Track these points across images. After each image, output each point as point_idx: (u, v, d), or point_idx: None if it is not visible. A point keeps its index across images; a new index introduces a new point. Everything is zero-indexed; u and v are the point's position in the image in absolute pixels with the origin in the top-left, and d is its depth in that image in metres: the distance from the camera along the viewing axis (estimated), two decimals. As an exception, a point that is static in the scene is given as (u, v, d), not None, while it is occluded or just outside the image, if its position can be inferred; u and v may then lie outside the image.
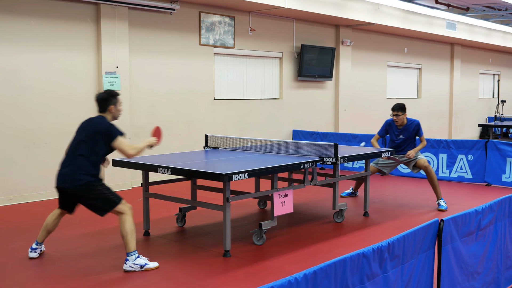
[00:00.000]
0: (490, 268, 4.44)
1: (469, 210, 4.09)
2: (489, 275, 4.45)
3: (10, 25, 8.52)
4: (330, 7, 12.39)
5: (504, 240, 4.67)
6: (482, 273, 4.33)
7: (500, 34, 19.41)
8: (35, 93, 8.85)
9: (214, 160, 6.78)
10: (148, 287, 5.05)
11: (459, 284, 4.06)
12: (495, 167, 10.17)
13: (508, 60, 23.32)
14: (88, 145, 5.50)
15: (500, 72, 22.79)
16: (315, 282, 2.85)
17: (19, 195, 8.74)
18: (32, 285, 5.09)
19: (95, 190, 5.43)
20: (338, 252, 5.98)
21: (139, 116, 10.20)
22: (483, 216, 4.25)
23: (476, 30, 18.16)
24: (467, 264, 4.13)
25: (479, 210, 4.19)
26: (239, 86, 12.20)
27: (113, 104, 5.74)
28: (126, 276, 5.31)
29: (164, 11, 10.37)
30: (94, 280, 5.20)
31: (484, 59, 21.51)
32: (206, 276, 5.30)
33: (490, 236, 4.40)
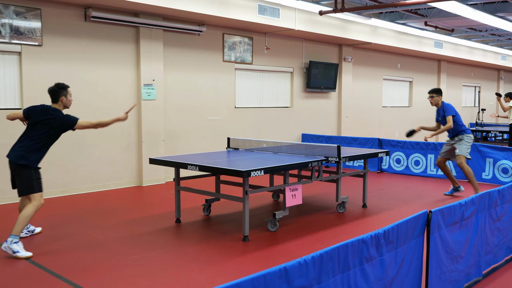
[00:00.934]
0: (472, 253, 4.41)
1: (453, 203, 4.06)
2: (471, 259, 4.42)
3: (64, 45, 8.61)
4: (334, 29, 12.37)
5: (484, 229, 4.63)
6: (465, 257, 4.30)
7: (480, 51, 19.28)
8: (85, 102, 8.92)
9: (235, 159, 6.80)
10: (178, 266, 5.07)
11: (445, 266, 4.03)
12: (476, 166, 10.10)
13: (487, 74, 23.13)
14: (40, 132, 5.51)
15: (481, 85, 22.63)
16: (321, 263, 2.85)
17: (70, 188, 8.82)
18: (84, 261, 5.15)
19: (27, 172, 5.40)
20: (340, 238, 5.96)
21: (172, 121, 10.25)
22: (466, 208, 4.22)
23: (460, 48, 18.04)
24: (452, 249, 4.11)
25: (462, 203, 4.17)
26: (256, 96, 12.22)
27: (63, 95, 5.68)
28: (158, 256, 5.34)
29: (193, 33, 10.42)
30: (132, 259, 5.25)
31: (466, 73, 21.37)
32: (228, 258, 5.32)
33: (472, 226, 4.37)
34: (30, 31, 8.18)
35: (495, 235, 4.87)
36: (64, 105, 5.73)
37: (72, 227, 6.57)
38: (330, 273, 2.92)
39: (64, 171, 8.71)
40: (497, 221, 4.87)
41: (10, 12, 7.94)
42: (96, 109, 9.07)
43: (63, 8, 8.56)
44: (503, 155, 9.83)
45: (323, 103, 13.99)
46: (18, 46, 8.09)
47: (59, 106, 5.69)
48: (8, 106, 8.08)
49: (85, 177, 9.00)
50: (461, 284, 4.32)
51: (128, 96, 9.53)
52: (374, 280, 3.27)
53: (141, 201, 8.29)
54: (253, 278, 2.48)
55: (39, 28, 8.27)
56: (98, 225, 6.65)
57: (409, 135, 8.78)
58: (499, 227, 4.92)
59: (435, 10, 12.77)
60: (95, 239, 5.99)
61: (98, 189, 9.15)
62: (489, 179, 9.95)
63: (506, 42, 18.25)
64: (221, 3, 9.66)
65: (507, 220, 5.07)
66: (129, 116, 9.44)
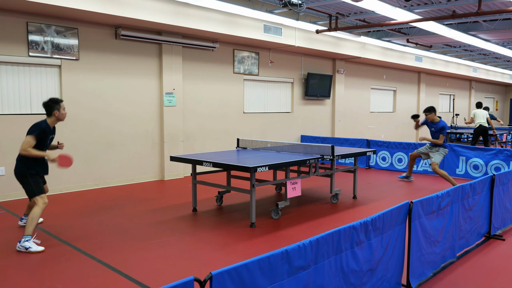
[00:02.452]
0: (447, 238, 4.39)
1: (431, 195, 4.05)
2: (447, 243, 4.40)
3: (98, 59, 8.64)
4: (328, 45, 12.35)
5: (458, 218, 4.61)
6: (441, 241, 4.28)
7: (455, 65, 19.19)
8: (116, 107, 8.95)
9: (243, 157, 6.80)
10: (194, 248, 5.08)
11: (424, 249, 4.02)
12: (451, 163, 10.06)
13: (461, 84, 23.01)
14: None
15: (455, 93, 22.51)
16: (317, 247, 2.85)
17: (103, 181, 8.84)
18: (114, 244, 5.16)
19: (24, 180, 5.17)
20: (334, 224, 5.96)
21: (189, 125, 10.26)
22: (442, 199, 4.21)
23: (437, 62, 17.96)
24: (430, 234, 4.09)
25: (439, 195, 4.15)
26: (262, 103, 12.21)
27: (56, 109, 5.28)
28: (177, 239, 5.35)
29: (208, 49, 10.43)
30: (155, 242, 5.26)
31: (443, 83, 21.26)
32: (237, 241, 5.32)
33: (447, 214, 4.35)
34: (68, 47, 8.21)
35: (467, 222, 4.85)
36: (57, 118, 5.33)
37: (104, 214, 6.60)
38: (325, 255, 2.92)
39: (98, 167, 8.74)
40: (469, 210, 4.86)
41: (52, 31, 7.98)
42: (124, 114, 9.10)
43: (97, 28, 8.59)
44: (474, 154, 9.79)
45: (319, 109, 13.96)
46: (59, 60, 8.12)
47: (52, 119, 5.31)
48: (50, 111, 8.12)
49: (115, 172, 9.03)
50: (438, 264, 4.30)
51: (152, 103, 9.55)
52: (363, 261, 3.27)
53: (162, 193, 8.31)
54: (259, 259, 2.48)
55: (76, 44, 8.30)
56: (126, 213, 6.67)
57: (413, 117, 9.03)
58: (471, 215, 4.90)
59: (416, 29, 12.75)
60: (124, 225, 6.01)
61: (126, 182, 9.18)
62: (462, 174, 9.90)
63: (477, 56, 18.16)
64: (232, 23, 9.67)
65: (478, 210, 5.05)
66: (154, 120, 9.53)
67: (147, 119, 9.49)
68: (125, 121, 9.13)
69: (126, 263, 4.59)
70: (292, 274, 2.66)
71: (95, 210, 6.87)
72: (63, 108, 5.36)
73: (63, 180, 8.26)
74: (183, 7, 8.72)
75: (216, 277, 2.29)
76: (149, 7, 8.21)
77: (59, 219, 6.33)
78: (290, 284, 2.66)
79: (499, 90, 28.01)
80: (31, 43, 7.75)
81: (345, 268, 3.10)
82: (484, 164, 9.59)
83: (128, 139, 9.20)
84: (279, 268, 2.58)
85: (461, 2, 9.41)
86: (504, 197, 5.67)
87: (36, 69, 7.93)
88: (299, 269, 2.71)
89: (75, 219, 6.34)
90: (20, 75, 7.77)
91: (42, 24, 7.84)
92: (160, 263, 4.60)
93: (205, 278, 2.26)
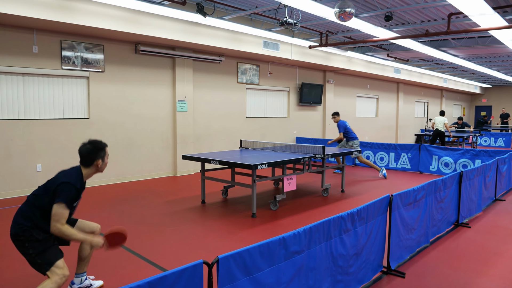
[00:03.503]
0: (422, 226, 4.38)
1: (408, 189, 4.04)
2: (421, 230, 4.39)
3: (120, 71, 8.64)
4: (320, 59, 12.34)
5: (431, 209, 4.60)
6: (416, 229, 4.27)
7: (428, 76, 19.16)
8: (135, 113, 8.95)
9: (246, 156, 6.80)
10: (203, 235, 5.07)
11: (402, 236, 4.01)
12: (425, 161, 10.05)
13: (433, 93, 22.97)
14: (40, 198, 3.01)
15: (429, 101, 22.47)
16: (310, 234, 2.84)
17: (124, 176, 8.84)
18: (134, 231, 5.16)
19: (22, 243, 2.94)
20: (325, 215, 5.95)
21: (198, 128, 10.25)
22: (418, 193, 4.20)
23: (413, 73, 17.93)
24: (407, 223, 4.08)
25: (415, 188, 4.14)
26: (262, 109, 12.19)
27: (100, 158, 3.17)
28: (188, 227, 5.34)
29: (215, 62, 10.42)
30: (169, 230, 5.25)
31: (418, 92, 21.23)
32: (240, 229, 5.31)
33: (422, 206, 4.34)
34: (95, 61, 8.20)
35: (439, 212, 4.84)
36: (97, 170, 3.20)
37: (125, 205, 6.59)
38: (317, 241, 2.91)
39: (119, 164, 8.74)
40: (441, 202, 4.85)
41: (81, 48, 7.97)
42: (143, 118, 9.09)
43: (119, 44, 8.58)
44: (445, 153, 9.77)
45: (311, 114, 13.94)
46: (87, 72, 8.12)
47: (91, 170, 3.17)
48: (80, 116, 8.12)
49: (134, 169, 9.02)
50: (414, 249, 4.29)
51: (166, 109, 9.54)
52: (350, 246, 3.26)
53: (175, 187, 8.31)
54: (259, 245, 2.48)
55: (102, 59, 8.30)
56: (144, 204, 6.67)
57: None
58: (442, 206, 4.89)
59: (395, 45, 12.73)
60: (142, 215, 6.01)
61: (143, 178, 9.17)
62: (435, 171, 9.90)
63: (447, 69, 18.13)
64: (236, 39, 9.66)
65: (448, 202, 5.05)
66: (168, 124, 9.52)
67: (162, 123, 9.48)
68: (143, 124, 9.13)
69: (143, 247, 4.59)
70: (288, 258, 2.66)
71: (117, 202, 6.87)
72: (107, 156, 3.25)
73: (90, 176, 8.25)
74: (194, 26, 8.71)
75: (222, 260, 2.28)
76: (164, 26, 8.21)
77: (86, 209, 6.33)
78: (286, 266, 2.65)
79: (466, 98, 27.98)
80: (64, 58, 7.75)
81: (334, 252, 3.09)
82: (454, 162, 9.58)
83: (146, 140, 9.20)
84: (277, 252, 2.58)
85: (433, 23, 9.41)
86: (470, 190, 5.67)
87: (68, 80, 7.93)
88: (294, 253, 2.70)
89: (100, 209, 6.33)
90: (55, 85, 7.76)
91: (73, 41, 7.83)
92: (173, 247, 4.60)
93: (213, 261, 2.25)
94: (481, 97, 28.18)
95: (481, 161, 9.10)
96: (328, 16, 7.68)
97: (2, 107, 7.15)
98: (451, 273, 3.89)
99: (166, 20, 8.21)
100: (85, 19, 7.06)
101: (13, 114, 7.29)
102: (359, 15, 8.43)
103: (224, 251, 4.44)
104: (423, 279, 3.75)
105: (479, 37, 11.38)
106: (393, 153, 10.72)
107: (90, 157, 3.14)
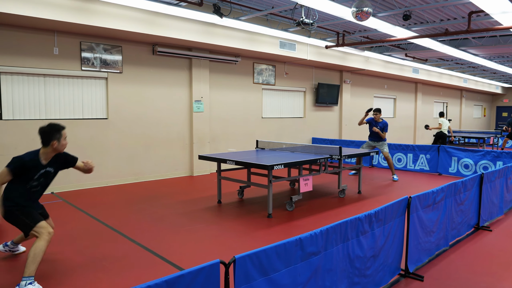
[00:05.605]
0: (441, 229, 4.31)
1: (427, 190, 3.98)
2: (441, 233, 4.32)
3: (138, 72, 8.74)
4: (336, 59, 12.26)
5: (451, 211, 4.52)
6: (436, 232, 4.20)
7: (447, 76, 18.84)
8: (153, 113, 9.04)
9: (262, 156, 6.80)
10: (219, 235, 5.09)
11: (421, 238, 3.95)
12: (444, 163, 9.88)
13: (453, 93, 22.58)
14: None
15: (448, 101, 22.10)
16: (327, 235, 2.82)
17: (141, 176, 8.94)
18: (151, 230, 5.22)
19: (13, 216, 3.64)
20: (341, 216, 5.91)
21: (215, 128, 10.30)
22: (437, 194, 4.13)
23: (432, 73, 17.66)
24: (426, 226, 4.02)
25: (434, 190, 4.08)
26: (278, 109, 12.18)
27: (56, 139, 3.64)
28: (204, 227, 5.36)
29: (231, 62, 10.45)
30: (186, 229, 5.29)
31: (437, 92, 20.90)
32: (256, 229, 5.31)
33: (441, 208, 4.27)
34: (114, 62, 8.33)
35: (459, 215, 4.75)
36: (54, 150, 3.68)
37: (142, 204, 6.67)
38: (334, 243, 2.89)
39: (137, 164, 8.84)
40: (461, 204, 4.76)
41: (100, 49, 8.10)
42: (160, 118, 9.18)
43: (137, 46, 8.69)
44: (465, 155, 9.59)
45: (328, 115, 13.86)
46: (105, 73, 8.25)
47: (48, 149, 3.67)
48: (99, 116, 8.25)
49: (152, 168, 9.12)
50: (433, 252, 4.23)
51: (183, 109, 9.61)
52: (367, 248, 3.23)
53: (192, 187, 8.37)
54: (276, 245, 2.47)
55: (120, 60, 8.42)
56: (161, 204, 6.73)
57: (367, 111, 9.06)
58: (462, 209, 4.80)
59: (413, 45, 12.56)
60: (159, 214, 6.06)
61: (161, 177, 9.26)
62: (454, 173, 9.72)
63: (467, 69, 17.80)
64: (252, 40, 9.67)
65: (468, 204, 4.95)
66: (184, 124, 9.59)
67: (179, 123, 9.56)
68: (161, 124, 9.22)
69: (161, 246, 4.63)
70: (305, 259, 2.65)
71: (135, 201, 6.95)
72: (64, 138, 3.70)
73: (108, 175, 8.38)
74: (210, 27, 8.76)
75: (239, 260, 2.28)
76: (181, 28, 8.28)
77: (105, 208, 6.42)
78: (303, 267, 2.64)
79: (487, 98, 27.40)
80: (84, 59, 7.89)
81: (351, 254, 3.07)
82: (474, 163, 9.39)
83: (163, 140, 9.28)
84: (294, 253, 2.57)
85: (453, 21, 9.24)
86: (491, 193, 5.55)
87: (87, 81, 8.07)
88: (311, 254, 2.69)
89: (118, 208, 6.42)
90: (75, 86, 7.91)
91: (92, 43, 7.97)
92: (190, 246, 4.63)
93: (229, 261, 2.26)
94: (502, 98, 27.56)
95: (502, 163, 8.90)
96: (345, 15, 7.63)
97: (24, 107, 7.33)
98: (471, 277, 3.81)
99: (183, 21, 8.28)
100: (104, 21, 7.18)
101: (35, 114, 7.45)
102: (377, 15, 8.34)
103: (240, 251, 4.44)
104: (442, 282, 3.68)
105: (500, 36, 11.13)
106: (411, 154, 10.57)
107: (46, 137, 3.63)
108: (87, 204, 6.68)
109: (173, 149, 9.49)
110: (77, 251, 4.48)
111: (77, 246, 4.66)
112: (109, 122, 8.36)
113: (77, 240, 4.86)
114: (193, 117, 9.69)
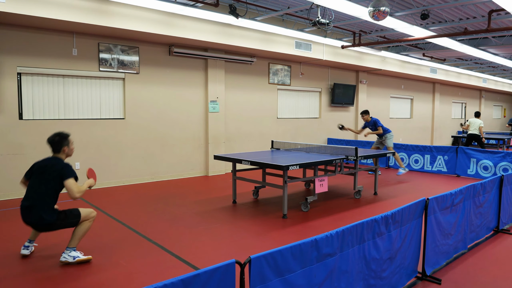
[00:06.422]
0: (459, 231, 4.24)
1: (445, 192, 3.91)
2: (459, 236, 4.25)
3: (154, 72, 8.83)
4: (352, 59, 12.16)
5: (469, 213, 4.44)
6: (454, 234, 4.13)
7: (466, 76, 18.51)
8: (169, 113, 9.12)
9: (277, 156, 6.79)
10: (234, 235, 5.11)
11: (438, 241, 3.89)
12: (463, 164, 9.70)
13: (471, 94, 22.16)
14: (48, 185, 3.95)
15: (466, 102, 21.70)
16: (343, 237, 2.81)
17: (157, 175, 9.03)
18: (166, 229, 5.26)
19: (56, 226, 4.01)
20: (357, 217, 5.86)
21: (230, 128, 10.33)
22: (455, 196, 4.06)
23: (450, 73, 17.37)
24: (444, 228, 3.96)
25: (452, 192, 4.01)
26: (293, 109, 12.15)
27: (65, 145, 4.11)
28: (220, 227, 5.38)
29: (246, 63, 10.47)
30: (201, 229, 5.31)
31: (455, 93, 20.55)
32: (271, 230, 5.31)
33: (460, 210, 4.20)
34: (131, 63, 8.43)
35: (478, 218, 4.67)
36: (66, 155, 4.18)
37: (158, 204, 6.73)
38: (349, 244, 2.87)
39: (153, 163, 8.93)
40: (480, 207, 4.67)
41: (118, 50, 8.22)
42: (176, 118, 9.26)
43: (154, 46, 8.78)
44: (484, 156, 9.40)
45: (344, 115, 13.76)
46: (123, 74, 8.36)
47: (62, 156, 4.14)
48: (116, 116, 8.37)
49: (168, 168, 9.20)
50: (451, 255, 4.16)
51: (199, 109, 9.67)
52: (383, 250, 3.20)
53: (207, 187, 8.41)
54: (291, 246, 2.47)
55: (137, 60, 8.52)
56: (176, 203, 6.78)
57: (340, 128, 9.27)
58: (481, 211, 4.71)
59: (431, 44, 12.38)
60: (174, 213, 6.11)
61: (176, 177, 9.34)
62: (473, 175, 9.53)
63: (486, 68, 17.45)
64: (268, 40, 9.67)
65: (487, 207, 4.86)
66: (200, 124, 9.65)
67: (195, 123, 9.62)
68: (176, 124, 9.29)
69: (176, 245, 4.67)
70: (320, 260, 2.64)
71: (151, 200, 7.01)
72: (72, 143, 4.19)
73: (124, 174, 8.48)
74: (226, 27, 8.79)
75: (255, 260, 2.29)
76: (197, 28, 8.33)
77: (122, 207, 6.50)
78: (318, 268, 2.63)
79: (507, 99, 26.82)
80: (101, 60, 8.01)
81: (367, 256, 3.04)
82: (493, 165, 9.20)
83: (179, 140, 9.36)
84: (309, 254, 2.56)
85: (472, 20, 9.08)
86: (511, 195, 5.43)
87: (105, 81, 8.19)
88: (326, 256, 2.67)
89: (135, 207, 6.49)
90: (93, 86, 8.04)
91: (110, 44, 8.08)
92: (205, 246, 4.65)
93: (245, 261, 2.26)
94: (523, 98, 26.94)
95: (523, 164, 8.70)
96: (362, 15, 7.56)
97: (44, 108, 7.48)
98: (490, 281, 3.73)
99: (199, 22, 8.33)
100: (122, 22, 7.27)
101: (54, 114, 7.60)
102: (394, 14, 8.25)
103: (255, 251, 4.45)
104: (460, 286, 3.62)
105: (522, 35, 10.88)
106: (428, 156, 10.42)
107: (58, 145, 4.11)
108: (103, 202, 6.78)
109: (188, 149, 9.55)
110: (94, 249, 4.55)
111: (94, 243, 4.73)
112: (126, 122, 8.47)
113: (94, 238, 4.93)
114: (209, 117, 9.74)
